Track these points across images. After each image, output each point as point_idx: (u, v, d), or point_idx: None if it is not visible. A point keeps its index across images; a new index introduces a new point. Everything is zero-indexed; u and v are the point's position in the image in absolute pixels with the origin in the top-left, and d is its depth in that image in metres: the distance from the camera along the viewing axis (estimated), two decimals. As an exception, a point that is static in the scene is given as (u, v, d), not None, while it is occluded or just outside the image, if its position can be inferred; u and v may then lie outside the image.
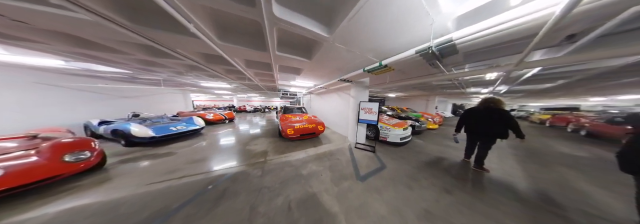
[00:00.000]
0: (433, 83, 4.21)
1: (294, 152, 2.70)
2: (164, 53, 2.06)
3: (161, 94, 6.24)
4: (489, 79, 3.27)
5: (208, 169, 2.06)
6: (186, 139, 3.56)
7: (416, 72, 2.70)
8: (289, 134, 3.08)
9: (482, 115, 1.98)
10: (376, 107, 2.72)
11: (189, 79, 3.86)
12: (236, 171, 2.03)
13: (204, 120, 5.47)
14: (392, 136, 3.08)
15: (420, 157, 2.55)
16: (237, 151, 2.80)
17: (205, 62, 2.54)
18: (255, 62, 2.67)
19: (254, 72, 3.41)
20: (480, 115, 2.00)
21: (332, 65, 2.43)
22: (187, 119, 4.13)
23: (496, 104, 1.95)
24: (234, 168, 2.12)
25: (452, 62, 2.15)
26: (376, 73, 2.06)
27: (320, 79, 3.92)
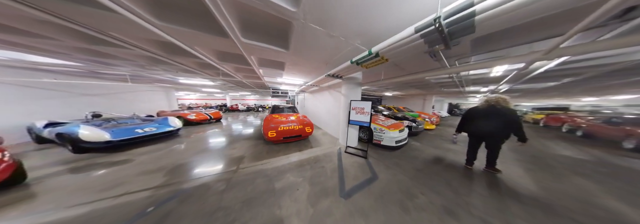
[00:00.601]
0: (432, 81, 3.91)
1: (274, 159, 2.35)
2: (100, 40, 1.64)
3: (138, 92, 5.70)
4: (493, 77, 2.96)
5: (161, 183, 1.68)
6: (157, 143, 3.13)
7: (414, 66, 2.37)
8: (269, 137, 2.72)
9: (486, 115, 1.85)
10: (368, 107, 2.39)
11: (161, 74, 3.40)
12: (195, 185, 1.66)
13: (185, 120, 5.05)
14: (386, 139, 2.77)
15: (417, 163, 2.25)
16: (208, 157, 2.41)
17: (166, 54, 2.12)
18: (226, 54, 2.27)
19: (232, 67, 3.00)
20: (484, 115, 1.87)
21: (316, 57, 2.06)
22: (161, 119, 3.68)
23: (501, 104, 1.79)
24: (195, 180, 1.75)
25: (456, 54, 1.83)
26: (367, 66, 1.71)
27: (308, 76, 3.55)
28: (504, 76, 2.86)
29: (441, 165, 2.22)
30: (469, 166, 2.14)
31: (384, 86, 5.61)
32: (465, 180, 1.82)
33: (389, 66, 2.44)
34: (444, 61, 1.87)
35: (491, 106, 1.83)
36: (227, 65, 2.75)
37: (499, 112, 1.77)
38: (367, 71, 2.74)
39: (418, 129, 4.00)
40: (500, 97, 1.81)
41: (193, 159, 2.36)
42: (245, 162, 2.24)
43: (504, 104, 1.79)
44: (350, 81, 2.80)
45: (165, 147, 2.91)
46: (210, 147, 2.89)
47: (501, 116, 1.76)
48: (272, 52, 1.93)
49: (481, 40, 1.46)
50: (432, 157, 2.50)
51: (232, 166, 2.09)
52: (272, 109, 4.98)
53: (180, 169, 2.03)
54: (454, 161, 2.37)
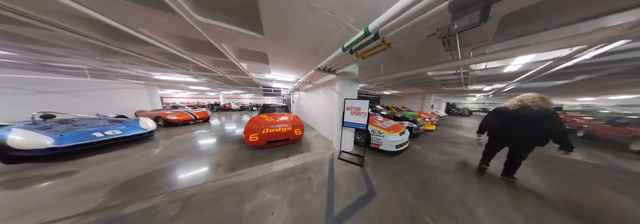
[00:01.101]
0: (435, 78, 3.59)
1: (253, 168, 1.97)
2: (8, 19, 1.20)
3: (112, 90, 5.14)
4: (507, 72, 2.60)
5: (93, 207, 1.28)
6: (124, 148, 2.70)
7: (419, 58, 2.01)
8: (250, 141, 2.33)
9: (517, 117, 1.59)
10: (366, 107, 2.03)
11: (124, 68, 2.93)
12: (140, 208, 1.27)
13: (165, 121, 4.58)
14: (385, 143, 2.44)
15: (422, 173, 1.93)
16: (176, 167, 2.02)
17: (109, 39, 1.68)
18: (191, 41, 1.87)
19: (207, 60, 2.58)
20: (514, 117, 1.61)
21: (301, 45, 1.68)
22: (131, 121, 3.22)
23: (539, 104, 1.51)
24: (143, 201, 1.36)
25: (474, 42, 1.48)
26: (364, 55, 1.35)
27: (298, 71, 3.16)
28: (518, 73, 2.52)
29: (450, 175, 1.91)
30: (485, 165, 1.97)
31: (383, 83, 5.29)
32: (483, 195, 1.51)
33: (389, 59, 2.09)
34: (457, 51, 1.53)
35: (525, 107, 1.54)
36: (200, 57, 2.33)
37: (535, 114, 1.47)
38: (365, 64, 2.39)
39: (419, 131, 3.70)
40: (539, 96, 1.51)
41: (156, 169, 1.95)
42: (218, 172, 1.86)
43: (543, 104, 1.48)
44: (346, 77, 2.43)
45: (129, 153, 2.48)
46: (183, 153, 2.48)
47: (538, 119, 1.46)
48: (245, 39, 1.53)
49: (515, 18, 1.12)
50: (437, 165, 2.19)
51: (200, 179, 1.71)
52: (261, 108, 4.58)
53: (132, 184, 1.63)
54: (463, 169, 2.07)
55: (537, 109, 1.50)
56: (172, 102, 14.42)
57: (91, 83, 4.40)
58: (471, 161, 2.37)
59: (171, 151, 2.58)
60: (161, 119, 4.62)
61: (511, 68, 2.37)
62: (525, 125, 1.53)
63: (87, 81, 4.22)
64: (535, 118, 1.48)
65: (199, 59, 2.41)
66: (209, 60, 2.61)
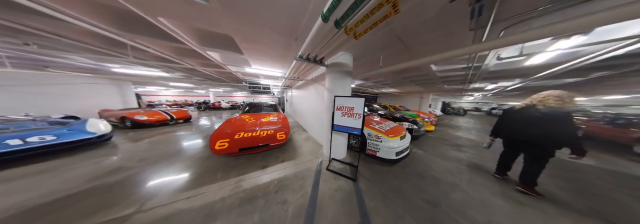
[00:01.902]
0: (438, 74, 3.23)
1: (214, 186, 1.52)
2: None
3: (68, 85, 4.40)
4: (528, 66, 2.17)
5: None
6: (62, 157, 2.16)
7: (430, 42, 1.58)
8: (216, 149, 1.85)
9: (526, 118, 1.47)
10: (361, 106, 1.61)
11: (49, 54, 2.29)
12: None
13: (133, 122, 3.96)
14: (384, 150, 2.04)
15: (428, 188, 1.55)
16: (109, 187, 1.52)
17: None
18: (124, 16, 1.34)
19: (162, 46, 2.03)
20: (523, 118, 1.49)
21: (268, 20, 1.21)
22: (76, 123, 2.63)
23: (550, 104, 1.37)
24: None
25: (512, 15, 1.08)
26: (356, 29, 0.91)
27: (282, 63, 2.67)
28: (541, 66, 2.12)
29: (462, 191, 1.54)
30: (498, 175, 1.78)
31: (381, 80, 4.90)
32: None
33: (391, 45, 1.66)
34: (484, 30, 1.12)
35: (531, 106, 1.46)
36: (145, 40, 1.78)
37: (545, 115, 1.37)
38: (360, 52, 1.88)
39: (419, 133, 3.36)
40: (552, 95, 1.37)
41: (80, 190, 1.45)
42: (164, 193, 1.39)
43: (555, 104, 1.35)
44: (337, 69, 1.98)
45: (61, 166, 1.94)
46: (135, 164, 1.97)
47: (548, 120, 1.36)
48: (184, 7, 1.04)
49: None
50: (445, 176, 1.82)
51: (130, 207, 1.23)
52: (245, 107, 4.07)
53: (30, 215, 1.13)
54: (475, 181, 1.71)
55: (545, 109, 1.38)
56: (157, 100, 13.44)
57: (30, 77, 3.66)
58: (481, 169, 2.03)
59: (121, 161, 2.06)
60: (128, 119, 4.00)
61: (537, 59, 1.92)
62: (535, 127, 1.41)
63: (21, 73, 3.47)
64: (544, 119, 1.36)
65: (146, 43, 1.86)
66: (164, 46, 2.07)
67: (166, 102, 13.56)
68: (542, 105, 1.41)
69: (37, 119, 2.71)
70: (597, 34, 1.47)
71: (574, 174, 2.02)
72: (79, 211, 1.20)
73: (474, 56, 1.76)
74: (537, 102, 1.44)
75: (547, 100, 1.38)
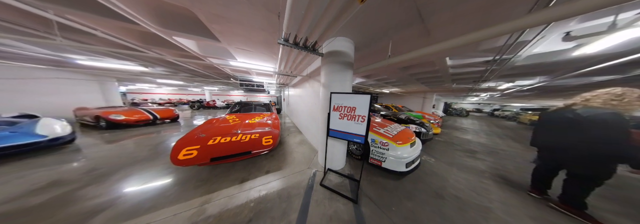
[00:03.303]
0: (450, 70, 2.85)
1: (169, 209, 1.13)
2: None
3: (41, 80, 3.96)
4: (579, 56, 1.64)
5: None
6: (7, 162, 1.76)
7: (460, 17, 1.17)
8: (180, 158, 1.43)
9: (566, 125, 1.15)
10: (365, 106, 1.22)
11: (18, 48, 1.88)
12: None
13: (108, 122, 3.55)
14: (391, 160, 1.66)
15: (451, 214, 1.17)
16: (31, 209, 1.13)
17: None
18: None
19: (117, 27, 1.62)
20: (564, 125, 1.16)
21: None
22: (25, 125, 2.21)
23: (597, 105, 1.06)
24: None
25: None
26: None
27: (270, 54, 2.27)
28: (592, 58, 1.66)
29: (493, 220, 1.17)
30: (535, 194, 1.42)
31: (384, 78, 4.51)
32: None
33: (405, 26, 1.27)
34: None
35: (570, 108, 1.14)
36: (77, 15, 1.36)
37: (588, 118, 1.06)
38: (363, 37, 1.35)
39: (428, 136, 2.99)
40: (607, 92, 1.07)
41: None
42: (95, 222, 1.00)
43: (602, 104, 1.05)
44: (334, 59, 1.59)
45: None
46: (77, 177, 1.57)
47: (585, 124, 1.06)
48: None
49: None
50: (468, 194, 1.45)
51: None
52: (233, 106, 3.67)
53: None
54: (509, 203, 1.34)
55: (590, 114, 1.07)
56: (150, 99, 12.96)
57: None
58: (510, 184, 1.66)
59: (64, 173, 1.66)
60: (102, 119, 3.59)
61: (597, 47, 1.42)
62: (580, 134, 1.10)
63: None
64: (594, 125, 1.05)
65: (82, 21, 1.44)
66: (118, 28, 1.65)
67: (159, 100, 13.10)
68: (583, 106, 1.12)
69: None
70: None
71: (621, 193, 1.65)
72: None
73: (510, 43, 1.37)
74: (581, 102, 1.14)
75: (595, 99, 1.09)
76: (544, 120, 1.32)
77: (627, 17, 1.22)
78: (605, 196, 1.52)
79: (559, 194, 1.27)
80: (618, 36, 1.30)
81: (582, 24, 1.27)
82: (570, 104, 1.19)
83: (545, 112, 1.33)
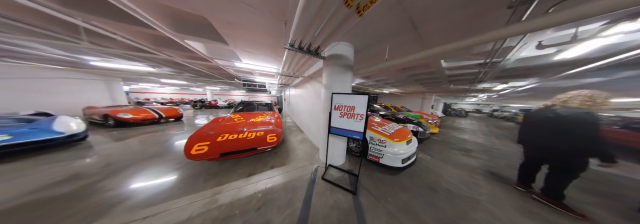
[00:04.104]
0: (446, 72, 2.97)
1: (185, 199, 1.25)
2: None
3: (51, 80, 4.09)
4: (558, 60, 1.85)
5: None
6: (17, 159, 1.88)
7: (449, 27, 1.30)
8: (193, 153, 1.56)
9: (544, 123, 1.30)
10: (364, 106, 1.34)
11: (25, 47, 2.01)
12: None
13: (116, 120, 3.67)
14: (388, 157, 1.77)
15: (442, 204, 1.28)
16: (54, 199, 1.25)
17: None
18: None
19: (124, 30, 1.74)
20: (542, 123, 1.31)
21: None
22: (42, 122, 2.34)
23: (570, 105, 1.20)
24: None
25: None
26: (354, 1, 0.64)
27: (274, 56, 2.40)
28: (572, 62, 1.83)
29: (483, 208, 1.28)
30: (521, 188, 1.54)
31: (384, 79, 4.63)
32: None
33: (400, 33, 1.39)
34: (531, 5, 0.85)
35: (551, 108, 1.27)
36: (103, 22, 1.49)
37: (566, 117, 1.19)
38: (363, 42, 1.52)
39: (425, 135, 3.10)
40: (579, 94, 1.19)
41: (16, 203, 1.17)
42: (113, 213, 1.12)
43: (583, 105, 1.16)
44: (335, 62, 1.71)
45: (7, 171, 1.65)
46: (100, 170, 1.69)
47: (568, 124, 1.18)
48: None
49: None
50: (459, 188, 1.56)
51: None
52: (237, 106, 3.79)
53: None
54: (496, 195, 1.45)
55: (565, 113, 1.20)
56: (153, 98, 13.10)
57: (5, 69, 3.35)
58: (500, 179, 1.77)
59: (83, 167, 1.77)
60: (110, 117, 3.71)
61: (573, 52, 1.60)
62: (558, 132, 1.22)
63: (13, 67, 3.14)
64: (569, 123, 1.18)
65: (105, 26, 1.56)
66: (135, 32, 1.78)
67: (162, 100, 13.23)
68: (561, 106, 1.24)
69: (3, 116, 2.41)
70: None
71: (606, 187, 1.76)
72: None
73: (498, 49, 1.49)
74: (559, 102, 1.26)
75: (572, 100, 1.21)
76: (528, 119, 1.43)
77: (591, 28, 1.35)
78: (585, 190, 1.63)
79: (541, 187, 1.38)
80: (588, 44, 1.45)
81: (554, 34, 1.40)
82: (550, 105, 1.30)
83: (529, 112, 1.45)
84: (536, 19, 0.69)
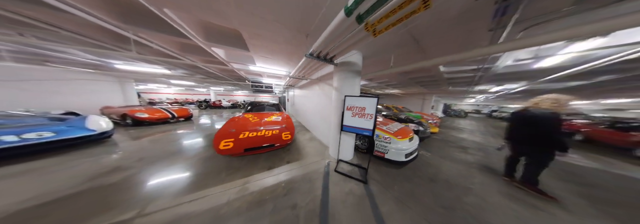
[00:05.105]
0: (445, 75, 3.19)
1: (219, 187, 1.45)
2: None
3: (71, 81, 4.30)
4: (537, 68, 2.14)
5: None
6: (59, 154, 2.09)
7: (445, 42, 1.53)
8: (221, 149, 1.78)
9: (522, 120, 1.56)
10: (373, 107, 1.56)
11: (58, 50, 2.23)
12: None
13: (133, 119, 3.87)
14: (393, 152, 1.99)
15: (441, 192, 1.50)
16: (105, 188, 1.45)
17: None
18: (129, 7, 1.28)
19: (165, 41, 1.97)
20: (520, 120, 1.58)
21: (280, 14, 1.17)
22: (76, 120, 2.55)
23: (541, 106, 1.44)
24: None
25: (538, 13, 1.03)
26: (378, 26, 0.86)
27: (288, 62, 2.62)
28: (550, 69, 2.10)
29: (475, 195, 1.49)
30: (507, 178, 1.77)
31: (386, 81, 4.85)
32: None
33: (404, 45, 1.61)
34: (504, 30, 1.08)
35: (527, 109, 1.53)
36: (148, 34, 1.72)
37: (536, 116, 1.44)
38: (372, 51, 1.80)
39: (425, 134, 3.31)
40: (549, 98, 1.43)
41: (74, 192, 1.37)
42: (166, 195, 1.32)
43: (550, 106, 1.41)
44: (346, 68, 1.93)
45: (54, 164, 1.86)
46: (134, 164, 1.89)
47: (538, 121, 1.42)
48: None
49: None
50: (455, 179, 1.77)
51: (129, 212, 1.16)
52: (248, 106, 4.00)
53: (16, 220, 1.06)
54: (486, 184, 1.66)
55: (538, 112, 1.44)
56: (158, 98, 13.30)
57: (31, 71, 3.56)
58: (491, 172, 1.99)
59: (120, 161, 1.98)
60: (129, 117, 3.91)
61: (548, 62, 1.93)
62: (527, 127, 1.48)
63: (21, 68, 3.35)
64: (534, 120, 1.43)
65: (150, 38, 1.80)
66: (168, 41, 2.00)
67: (167, 100, 13.42)
68: (535, 107, 1.48)
69: (37, 115, 2.62)
70: (615, 37, 1.44)
71: (584, 180, 1.98)
72: (73, 214, 1.13)
73: (487, 57, 1.71)
74: (533, 104, 1.50)
75: (543, 102, 1.44)
76: (512, 118, 1.66)
77: (556, 45, 1.60)
78: (562, 179, 1.85)
79: (520, 175, 1.62)
80: (555, 58, 1.76)
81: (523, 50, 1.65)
82: (528, 106, 1.54)
83: (513, 112, 1.67)
84: (510, 42, 0.91)
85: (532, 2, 0.91)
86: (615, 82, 3.00)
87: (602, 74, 2.41)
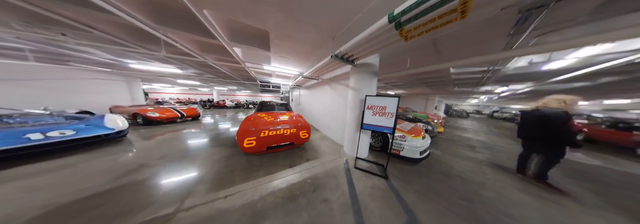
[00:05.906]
0: (452, 76, 3.29)
1: (249, 184, 1.52)
2: None
3: (81, 80, 4.32)
4: (545, 71, 2.26)
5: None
6: (79, 152, 2.12)
7: (462, 46, 1.62)
8: (245, 147, 1.85)
9: (531, 119, 1.66)
10: (394, 106, 1.63)
11: (81, 50, 2.27)
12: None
13: (144, 118, 3.91)
14: (408, 149, 2.07)
15: (457, 186, 1.58)
16: (136, 185, 1.50)
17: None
18: (165, 7, 1.34)
19: (189, 40, 2.03)
20: (529, 119, 1.69)
21: (315, 18, 1.23)
22: (93, 119, 2.58)
23: (549, 105, 1.55)
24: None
25: (554, 22, 1.12)
26: (411, 32, 0.94)
27: (304, 61, 2.69)
28: (559, 71, 2.21)
29: (489, 189, 1.58)
30: (520, 175, 1.87)
31: (392, 81, 4.94)
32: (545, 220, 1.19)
33: (422, 48, 1.69)
34: (520, 36, 1.16)
35: (537, 109, 1.63)
36: (176, 34, 1.77)
37: (548, 116, 1.52)
38: (390, 53, 1.86)
39: (433, 133, 3.41)
40: (556, 98, 1.53)
41: (107, 189, 1.42)
42: (198, 192, 1.38)
43: (557, 105, 1.51)
44: (364, 69, 2.01)
45: (80, 161, 1.91)
46: (157, 162, 1.95)
47: (547, 120, 1.51)
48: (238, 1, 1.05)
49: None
50: (469, 175, 1.86)
51: (170, 204, 1.22)
52: (259, 106, 4.05)
53: (57, 216, 1.11)
54: (499, 180, 1.75)
55: (546, 111, 1.53)
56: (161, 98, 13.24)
57: (45, 70, 3.59)
58: (502, 169, 2.09)
59: (141, 158, 2.03)
60: (140, 116, 3.95)
61: (557, 64, 2.05)
62: (536, 126, 1.57)
63: (36, 67, 3.37)
64: (541, 118, 1.53)
65: (176, 38, 1.85)
66: (191, 40, 2.06)
67: (170, 99, 13.37)
68: (544, 107, 1.58)
69: (54, 113, 2.65)
70: (624, 43, 1.54)
71: (594, 177, 2.08)
72: (113, 210, 1.18)
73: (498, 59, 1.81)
74: (541, 104, 1.61)
75: (550, 102, 1.55)
76: (523, 117, 1.76)
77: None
78: (568, 176, 1.96)
79: (532, 171, 1.72)
80: (564, 61, 1.88)
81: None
82: (538, 106, 1.64)
83: (524, 112, 1.78)
84: (531, 47, 0.99)
85: (552, 12, 0.99)
86: (619, 84, 3.12)
87: (606, 75, 2.52)
